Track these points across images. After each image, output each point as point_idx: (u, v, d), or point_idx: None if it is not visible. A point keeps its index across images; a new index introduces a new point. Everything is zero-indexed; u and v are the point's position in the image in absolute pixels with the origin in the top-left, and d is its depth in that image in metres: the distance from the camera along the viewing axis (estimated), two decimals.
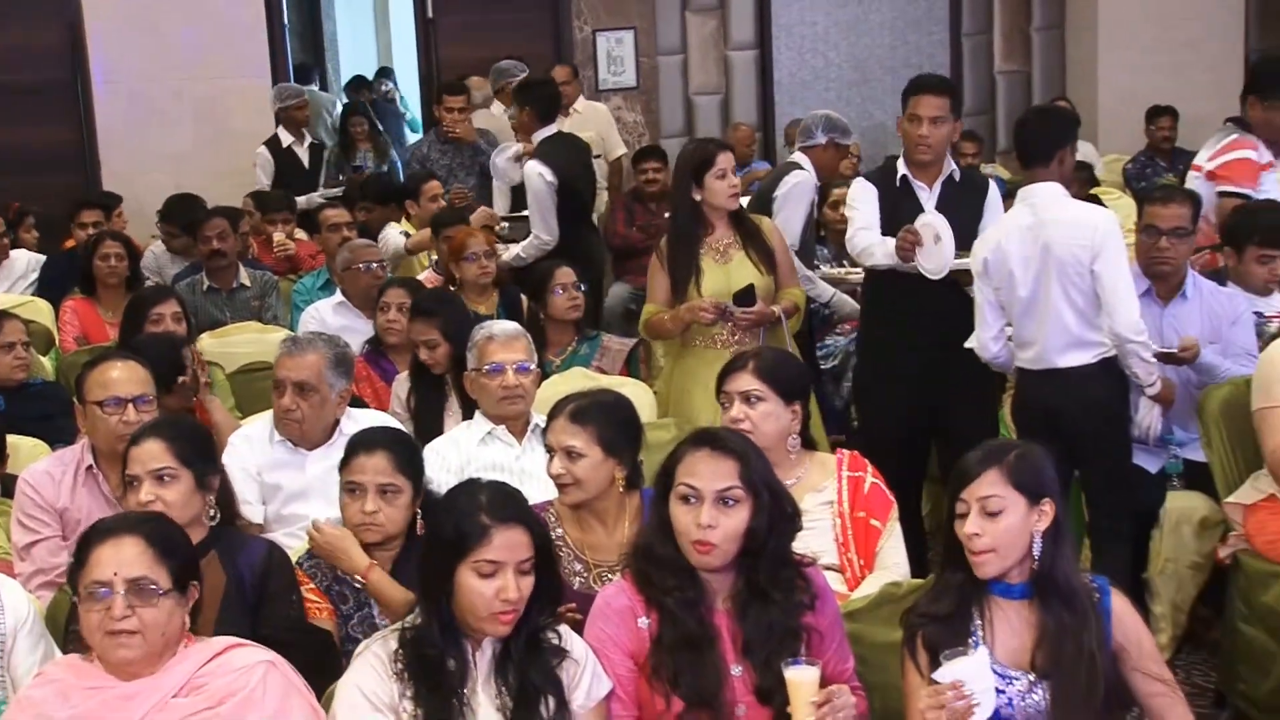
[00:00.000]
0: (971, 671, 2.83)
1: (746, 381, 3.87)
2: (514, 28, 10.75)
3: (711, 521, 3.00)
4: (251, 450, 4.38)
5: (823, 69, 11.39)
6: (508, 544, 2.89)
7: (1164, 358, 4.80)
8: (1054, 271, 4.67)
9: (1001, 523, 2.96)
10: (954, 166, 5.38)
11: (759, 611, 3.04)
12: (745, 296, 5.13)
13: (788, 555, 3.12)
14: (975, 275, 4.89)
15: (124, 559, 2.78)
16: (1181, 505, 4.87)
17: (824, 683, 2.96)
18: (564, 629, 3.04)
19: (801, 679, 2.93)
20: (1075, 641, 2.96)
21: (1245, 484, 4.52)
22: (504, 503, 2.97)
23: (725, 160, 5.19)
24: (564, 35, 10.94)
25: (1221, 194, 5.89)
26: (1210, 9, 11.04)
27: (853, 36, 11.40)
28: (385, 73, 12.85)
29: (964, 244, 5.07)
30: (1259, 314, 5.14)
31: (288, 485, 4.33)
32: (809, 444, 3.99)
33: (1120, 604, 3.07)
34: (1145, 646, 3.08)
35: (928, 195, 5.30)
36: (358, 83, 13.32)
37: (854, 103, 11.30)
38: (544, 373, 4.96)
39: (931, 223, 5.10)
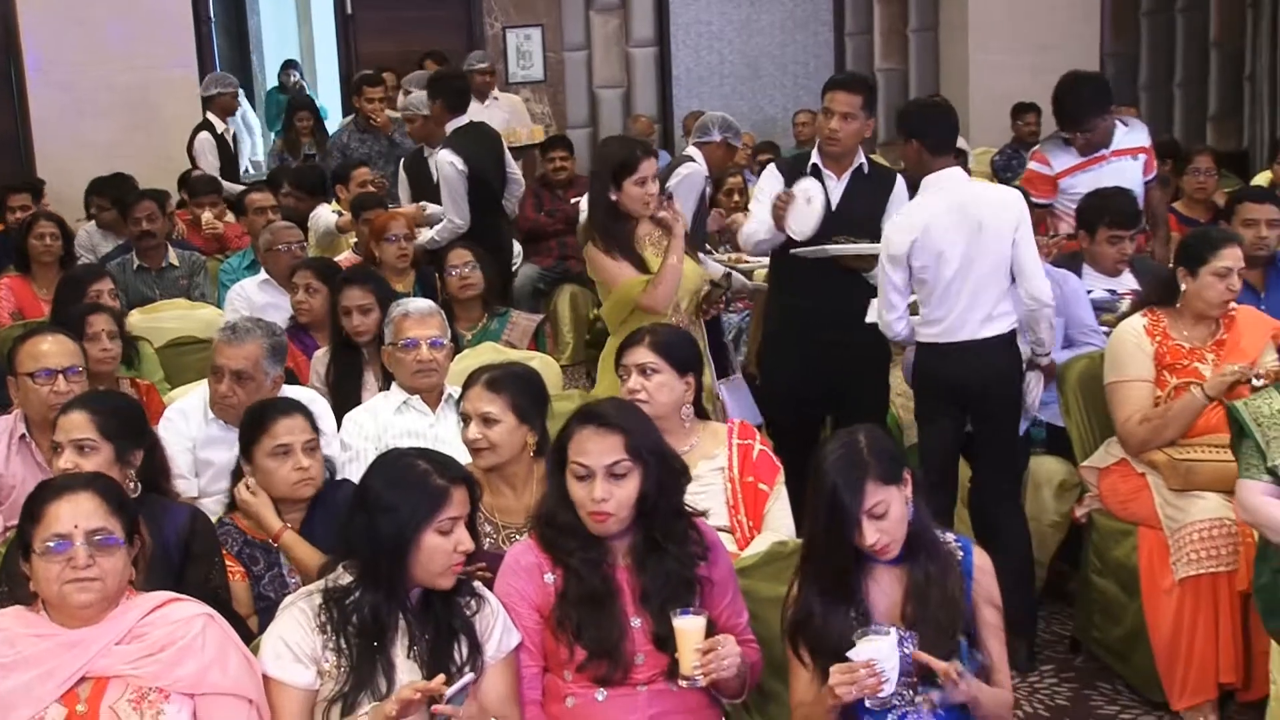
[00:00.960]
0: (884, 651, 2.82)
1: (643, 355, 3.85)
2: (428, 24, 10.69)
3: (605, 495, 2.99)
4: (187, 425, 4.32)
5: (717, 65, 11.42)
6: (462, 500, 2.90)
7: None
8: (983, 247, 4.58)
9: (890, 517, 2.95)
10: (863, 159, 5.24)
11: (656, 563, 3.04)
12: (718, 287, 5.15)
13: (680, 508, 3.12)
14: (890, 259, 4.68)
15: (82, 512, 2.75)
16: (1043, 468, 4.94)
17: (713, 633, 2.97)
18: (477, 584, 3.02)
19: (688, 627, 2.93)
20: (940, 588, 2.97)
21: (1100, 449, 4.59)
22: (446, 463, 2.96)
23: (647, 167, 4.79)
24: (476, 31, 10.89)
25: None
26: (1069, 15, 11.19)
27: (745, 35, 11.45)
28: (291, 64, 12.82)
29: (868, 233, 5.00)
30: (1112, 291, 5.22)
31: (219, 461, 4.24)
32: (702, 414, 3.99)
33: (981, 561, 3.08)
34: (994, 607, 3.07)
35: (835, 184, 5.17)
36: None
37: (746, 97, 11.37)
38: (457, 345, 4.92)
39: (807, 187, 5.05)
